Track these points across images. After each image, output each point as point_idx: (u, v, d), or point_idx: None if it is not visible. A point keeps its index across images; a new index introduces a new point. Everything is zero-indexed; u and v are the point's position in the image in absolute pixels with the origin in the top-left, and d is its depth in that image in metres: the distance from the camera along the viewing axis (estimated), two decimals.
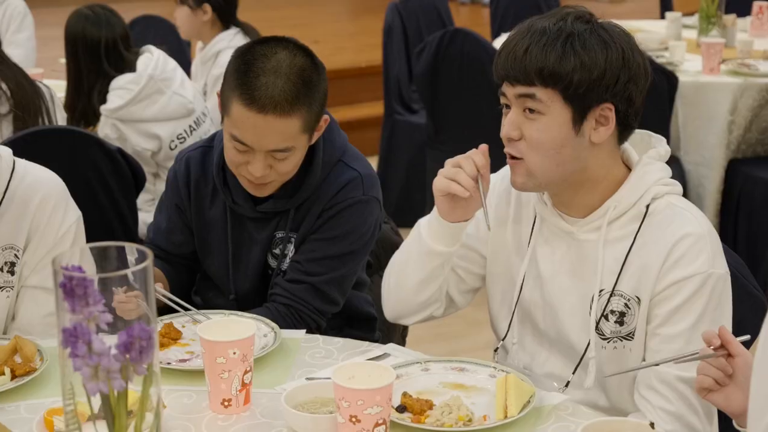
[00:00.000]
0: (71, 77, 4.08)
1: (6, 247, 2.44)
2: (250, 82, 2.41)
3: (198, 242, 2.71)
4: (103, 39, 4.01)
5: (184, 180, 2.68)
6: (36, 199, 2.45)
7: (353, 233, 2.60)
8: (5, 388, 2.15)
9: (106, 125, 4.02)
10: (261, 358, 2.24)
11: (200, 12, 4.73)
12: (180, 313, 2.46)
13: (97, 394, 1.43)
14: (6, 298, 2.46)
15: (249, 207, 2.60)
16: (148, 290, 1.43)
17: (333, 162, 2.60)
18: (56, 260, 1.42)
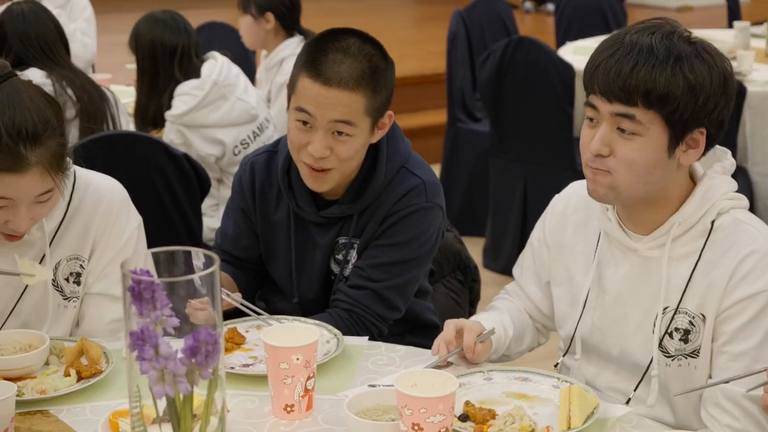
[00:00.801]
0: (145, 80, 4.11)
1: (71, 258, 2.46)
2: (319, 59, 2.45)
3: (263, 246, 2.72)
4: (180, 45, 4.05)
5: (249, 185, 2.70)
6: (100, 208, 2.46)
7: (415, 240, 2.59)
8: (71, 389, 2.17)
9: (171, 131, 4.06)
10: (324, 364, 2.24)
11: (263, 21, 4.76)
12: (243, 318, 2.48)
13: (163, 397, 1.44)
14: (73, 308, 2.49)
15: (312, 211, 2.61)
16: (214, 295, 1.44)
17: (396, 168, 2.60)
18: (125, 264, 1.43)
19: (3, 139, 2.17)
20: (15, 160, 2.19)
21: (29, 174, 2.21)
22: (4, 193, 2.22)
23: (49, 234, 2.41)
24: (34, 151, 2.20)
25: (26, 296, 2.44)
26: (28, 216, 2.27)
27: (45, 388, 2.17)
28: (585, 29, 6.67)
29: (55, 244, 2.44)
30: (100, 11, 5.79)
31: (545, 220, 2.41)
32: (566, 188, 2.40)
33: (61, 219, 2.43)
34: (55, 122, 2.26)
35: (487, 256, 5.46)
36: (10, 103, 2.20)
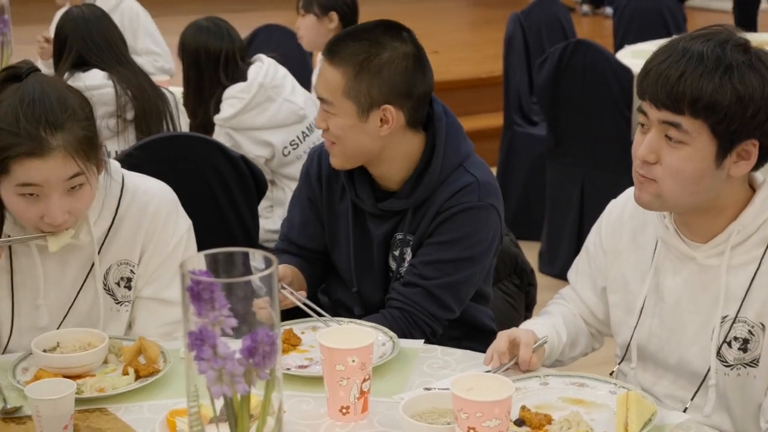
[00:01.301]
0: (192, 87, 4.14)
1: (121, 263, 2.48)
2: (334, 38, 2.58)
3: (328, 235, 2.76)
4: (224, 50, 4.08)
5: (316, 174, 2.74)
6: (148, 212, 2.48)
7: (467, 239, 2.58)
8: (129, 388, 2.19)
9: (220, 134, 4.09)
10: (379, 366, 2.24)
11: (326, 20, 4.77)
12: (300, 320, 2.49)
13: (220, 397, 1.45)
14: (125, 311, 2.51)
15: (371, 203, 2.64)
16: (272, 296, 1.45)
17: (454, 166, 2.60)
18: (184, 265, 1.44)
19: (22, 125, 2.21)
20: (36, 144, 2.21)
21: (52, 158, 2.23)
22: (31, 180, 2.24)
23: (98, 239, 2.43)
24: (55, 135, 2.23)
25: (79, 301, 2.46)
26: (61, 206, 2.27)
27: (104, 386, 2.19)
28: (644, 32, 6.61)
29: (105, 249, 2.45)
30: (157, 13, 5.82)
31: (601, 225, 2.40)
32: (623, 194, 2.38)
33: (109, 224, 2.45)
34: (79, 112, 2.29)
35: (543, 260, 5.44)
36: (30, 93, 2.24)
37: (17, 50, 4.87)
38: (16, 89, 2.26)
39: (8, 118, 2.22)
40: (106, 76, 3.83)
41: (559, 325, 2.39)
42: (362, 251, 2.69)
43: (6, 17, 4.73)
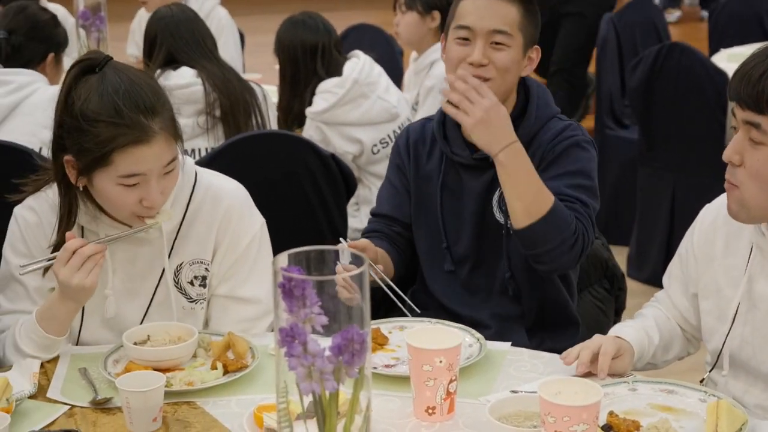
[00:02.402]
0: (288, 80, 4.18)
1: (194, 262, 2.49)
2: None
3: (414, 199, 2.77)
4: (320, 43, 4.11)
5: (404, 144, 2.79)
6: (219, 210, 2.49)
7: (581, 173, 2.62)
8: (218, 382, 2.22)
9: (310, 127, 4.10)
10: (466, 368, 2.24)
11: (429, 19, 4.76)
12: (387, 319, 2.49)
13: (309, 394, 1.46)
14: (201, 309, 2.53)
15: (466, 155, 2.66)
16: (363, 295, 1.45)
17: (548, 117, 2.66)
18: (276, 262, 1.45)
19: (125, 114, 2.23)
20: (141, 132, 2.24)
21: (156, 142, 2.26)
22: (137, 169, 2.26)
23: (168, 233, 2.45)
24: (155, 119, 2.26)
25: (154, 302, 2.49)
26: (159, 189, 2.31)
27: (192, 380, 2.22)
28: (740, 36, 6.50)
29: (177, 247, 2.48)
30: (247, 12, 5.87)
31: (694, 231, 2.36)
32: (717, 199, 2.34)
33: (180, 220, 2.46)
34: (161, 92, 2.33)
35: (632, 265, 5.37)
36: (118, 83, 2.26)
37: (113, 47, 4.95)
38: (100, 80, 2.27)
39: (107, 109, 2.23)
40: (195, 73, 3.86)
41: (650, 328, 2.36)
42: (453, 206, 2.70)
43: (102, 14, 4.80)
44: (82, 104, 2.25)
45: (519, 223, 2.50)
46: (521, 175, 2.48)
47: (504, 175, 2.50)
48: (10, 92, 3.66)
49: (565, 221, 2.50)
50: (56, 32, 3.97)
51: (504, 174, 2.50)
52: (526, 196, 2.48)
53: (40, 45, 3.87)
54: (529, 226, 2.48)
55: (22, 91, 3.68)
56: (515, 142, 2.49)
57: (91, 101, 2.24)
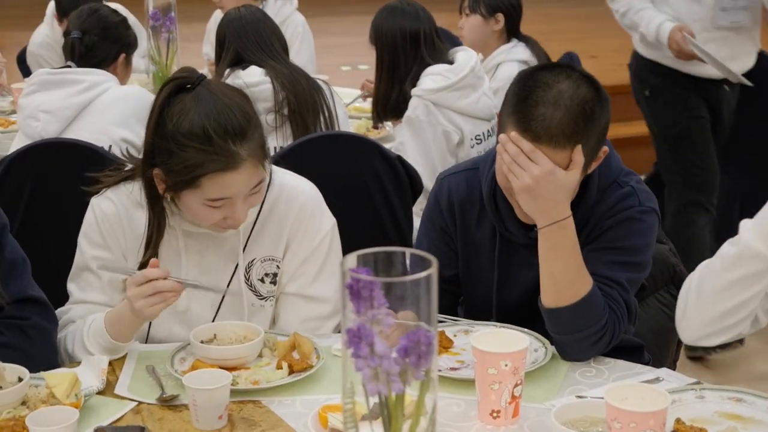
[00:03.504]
0: (386, 68, 4.14)
1: (266, 259, 2.52)
2: (528, 111, 2.32)
3: (462, 264, 2.65)
4: (422, 29, 4.10)
5: (446, 205, 2.62)
6: (293, 209, 2.51)
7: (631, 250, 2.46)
8: (283, 382, 2.23)
9: (418, 106, 4.05)
10: (531, 372, 2.23)
11: (492, 21, 4.76)
12: (452, 323, 2.49)
13: (375, 395, 1.46)
14: (270, 306, 2.55)
15: (521, 234, 2.51)
16: (431, 298, 1.45)
17: (607, 184, 2.50)
18: (344, 262, 1.45)
19: (215, 141, 2.25)
20: (229, 159, 2.26)
21: (244, 169, 2.28)
22: (224, 194, 2.30)
23: (243, 232, 2.48)
24: (243, 145, 2.27)
25: (226, 298, 2.52)
26: (245, 209, 2.35)
27: (258, 379, 2.23)
28: None
29: (250, 244, 2.50)
30: (315, 14, 5.88)
31: None
32: None
33: (255, 218, 2.49)
34: (252, 114, 2.33)
35: None
36: (211, 106, 2.27)
37: (182, 47, 5.01)
38: (192, 101, 2.29)
39: (197, 135, 2.25)
40: (264, 72, 3.89)
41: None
42: (507, 279, 2.58)
43: (172, 15, 4.86)
44: (173, 127, 2.28)
45: (546, 303, 2.38)
46: (562, 255, 2.35)
47: (543, 250, 2.36)
48: (82, 91, 3.72)
49: (596, 313, 2.35)
50: (127, 33, 4.03)
51: (544, 249, 2.36)
52: (562, 279, 2.35)
53: (112, 46, 3.93)
54: (556, 309, 2.36)
55: (94, 90, 3.74)
56: (564, 220, 2.34)
57: (182, 125, 2.27)
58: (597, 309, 2.35)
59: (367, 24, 4.23)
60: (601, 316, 2.35)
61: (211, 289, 2.40)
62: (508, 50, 4.73)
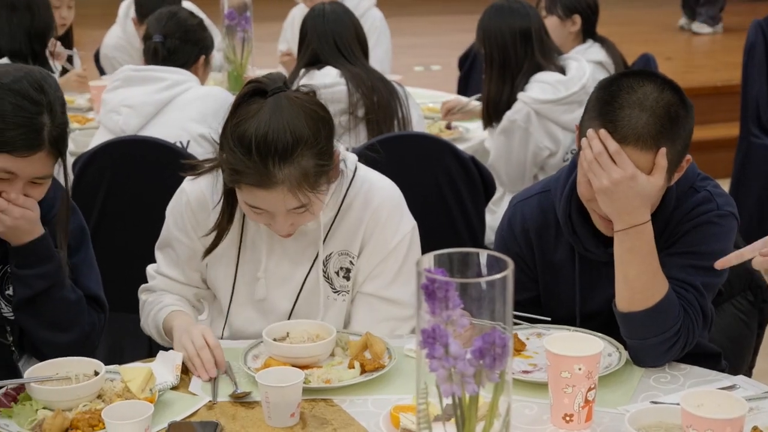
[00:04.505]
0: (496, 68, 4.13)
1: (342, 253, 2.53)
2: (614, 113, 2.31)
3: (542, 286, 2.61)
4: (532, 26, 4.09)
5: (521, 232, 2.58)
6: (370, 207, 2.52)
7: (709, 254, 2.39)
8: (355, 381, 2.23)
9: (520, 111, 4.04)
10: (605, 377, 2.21)
11: (569, 23, 4.73)
12: (524, 325, 2.47)
13: (449, 396, 1.46)
14: (342, 301, 2.56)
15: (601, 252, 2.47)
16: (506, 300, 1.44)
17: (684, 189, 2.45)
18: (419, 262, 1.45)
19: (253, 156, 2.27)
20: (263, 177, 2.28)
21: (277, 190, 2.29)
22: (258, 205, 2.34)
23: (324, 225, 2.50)
24: (282, 169, 2.27)
25: (304, 289, 2.53)
26: (286, 223, 2.38)
27: (330, 377, 2.24)
28: None
29: (329, 237, 2.52)
30: (390, 14, 5.88)
31: None
32: None
33: (335, 212, 2.50)
34: (312, 140, 2.30)
35: None
36: (267, 120, 2.28)
37: (257, 47, 5.04)
38: (257, 110, 2.30)
39: (243, 144, 2.28)
40: (339, 73, 3.90)
41: None
42: (591, 296, 2.54)
43: (248, 14, 4.90)
44: (233, 127, 2.32)
45: (620, 307, 2.34)
46: (637, 259, 2.31)
47: (619, 253, 2.33)
48: (164, 89, 3.78)
49: (670, 318, 2.31)
50: (205, 35, 4.09)
51: (619, 252, 2.33)
52: (636, 283, 2.31)
53: (192, 48, 3.99)
54: (630, 313, 2.32)
55: (176, 88, 3.80)
56: (643, 224, 2.30)
57: (238, 129, 2.30)
58: (671, 314, 2.32)
59: (441, 25, 4.23)
60: (676, 321, 2.32)
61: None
62: (583, 51, 4.69)
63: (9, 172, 2.27)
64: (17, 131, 2.23)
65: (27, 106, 2.25)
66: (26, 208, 2.32)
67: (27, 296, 2.40)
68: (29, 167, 2.28)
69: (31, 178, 2.30)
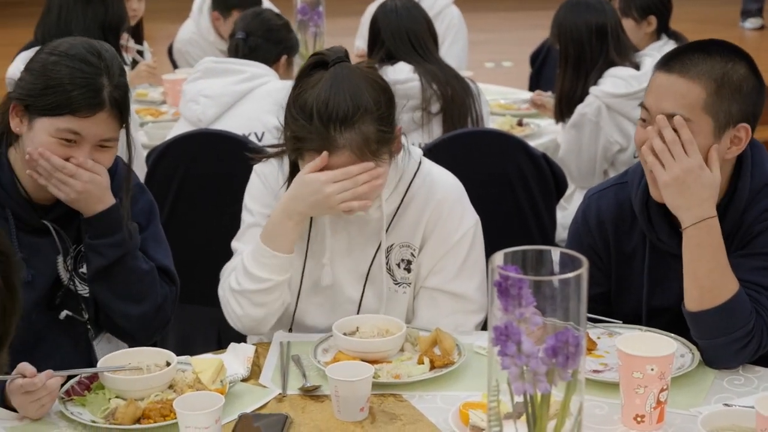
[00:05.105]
0: (571, 63, 4.12)
1: (403, 245, 2.53)
2: (675, 54, 2.35)
3: (614, 279, 2.58)
4: (608, 22, 4.07)
5: (596, 224, 2.56)
6: (432, 201, 2.52)
7: None
8: (424, 377, 2.23)
9: (591, 105, 4.02)
10: (677, 378, 2.18)
11: (645, 24, 4.69)
12: (595, 325, 2.45)
13: (521, 394, 1.45)
14: (403, 293, 2.56)
15: (674, 243, 2.42)
16: (580, 298, 1.43)
17: (759, 188, 2.40)
18: (494, 258, 1.45)
19: (314, 122, 2.31)
20: (325, 142, 2.32)
21: (340, 155, 2.33)
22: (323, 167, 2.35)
23: (387, 216, 2.50)
24: (343, 133, 2.31)
25: (369, 278, 2.54)
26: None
27: (399, 373, 2.24)
28: None
29: (391, 228, 2.52)
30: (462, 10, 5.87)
31: None
32: None
33: (398, 204, 2.51)
34: (372, 106, 2.34)
35: None
36: (328, 88, 2.32)
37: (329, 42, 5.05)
38: (318, 80, 2.35)
39: (305, 111, 2.33)
40: (412, 69, 3.90)
41: None
42: (660, 289, 2.50)
43: (320, 9, 4.92)
44: (295, 98, 2.37)
45: (689, 306, 2.30)
46: (707, 256, 2.27)
47: (688, 251, 2.28)
48: (243, 80, 3.84)
49: (741, 318, 2.26)
50: (289, 36, 4.16)
51: (688, 249, 2.28)
52: (705, 281, 2.26)
53: (274, 47, 4.05)
54: (699, 312, 2.28)
55: (254, 81, 3.86)
56: (711, 219, 2.27)
57: (299, 98, 2.35)
58: (742, 314, 2.28)
59: (513, 21, 4.22)
60: (747, 321, 2.28)
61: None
62: (659, 48, 4.63)
63: (74, 133, 2.31)
64: (77, 92, 2.29)
65: (84, 68, 2.31)
66: (95, 173, 2.35)
67: (101, 266, 2.42)
68: (93, 127, 2.32)
69: (97, 140, 2.34)
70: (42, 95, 2.30)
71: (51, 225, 2.42)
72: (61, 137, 2.31)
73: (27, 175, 2.36)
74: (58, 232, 2.43)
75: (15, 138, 2.38)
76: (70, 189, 2.34)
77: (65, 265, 2.45)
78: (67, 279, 2.46)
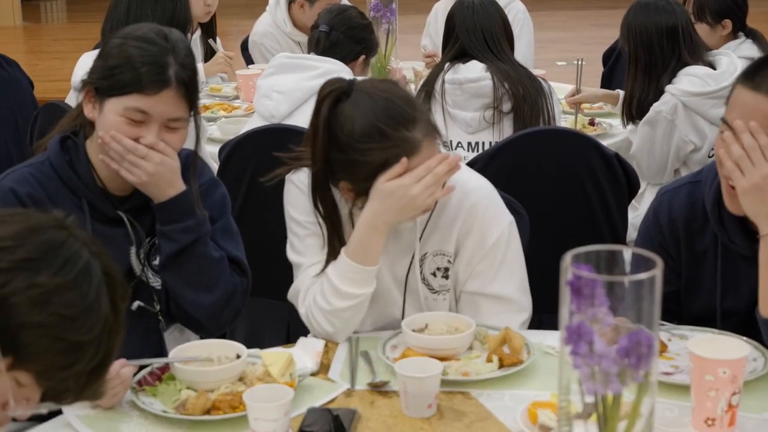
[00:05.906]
0: (642, 67, 4.08)
1: (437, 253, 2.52)
2: (760, 68, 2.29)
3: (685, 278, 2.57)
4: (679, 23, 4.03)
5: (667, 220, 2.55)
6: (464, 205, 2.51)
7: None
8: (493, 375, 2.23)
9: (668, 103, 3.98)
10: (750, 382, 2.15)
11: (719, 28, 4.63)
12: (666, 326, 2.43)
13: (592, 395, 1.44)
14: (443, 300, 2.55)
15: (746, 245, 2.41)
16: (653, 300, 1.42)
17: None
18: (566, 257, 1.44)
19: (390, 134, 2.32)
20: (408, 146, 2.33)
21: (423, 150, 2.35)
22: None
23: (420, 225, 2.50)
24: (416, 129, 2.34)
25: (408, 288, 2.54)
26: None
27: (468, 370, 2.24)
28: None
29: (423, 239, 2.51)
30: (531, 8, 5.84)
31: None
32: None
33: (429, 213, 2.49)
34: (410, 97, 2.42)
35: None
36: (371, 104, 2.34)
37: (401, 39, 5.07)
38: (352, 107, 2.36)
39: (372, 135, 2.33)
40: (485, 68, 3.89)
41: None
42: (731, 291, 2.49)
43: (393, 6, 4.92)
44: (347, 136, 2.35)
45: (764, 312, 2.28)
46: None
47: (765, 258, 2.26)
48: (316, 76, 3.84)
49: None
50: (371, 37, 4.18)
51: (765, 257, 2.26)
52: None
53: (355, 45, 4.06)
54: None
55: (327, 77, 3.83)
56: None
57: (355, 132, 2.34)
58: None
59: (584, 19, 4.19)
60: None
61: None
62: (735, 47, 4.58)
63: (142, 112, 2.34)
64: (143, 69, 2.32)
65: (150, 47, 2.35)
66: (166, 155, 2.38)
67: (173, 251, 2.44)
68: (160, 105, 2.34)
69: (164, 120, 2.37)
70: (110, 75, 2.34)
71: (125, 216, 2.45)
72: (129, 116, 2.33)
73: (103, 165, 2.39)
74: (132, 224, 2.46)
75: (92, 130, 2.42)
76: (141, 171, 2.36)
77: (138, 256, 2.48)
78: (140, 270, 2.49)
